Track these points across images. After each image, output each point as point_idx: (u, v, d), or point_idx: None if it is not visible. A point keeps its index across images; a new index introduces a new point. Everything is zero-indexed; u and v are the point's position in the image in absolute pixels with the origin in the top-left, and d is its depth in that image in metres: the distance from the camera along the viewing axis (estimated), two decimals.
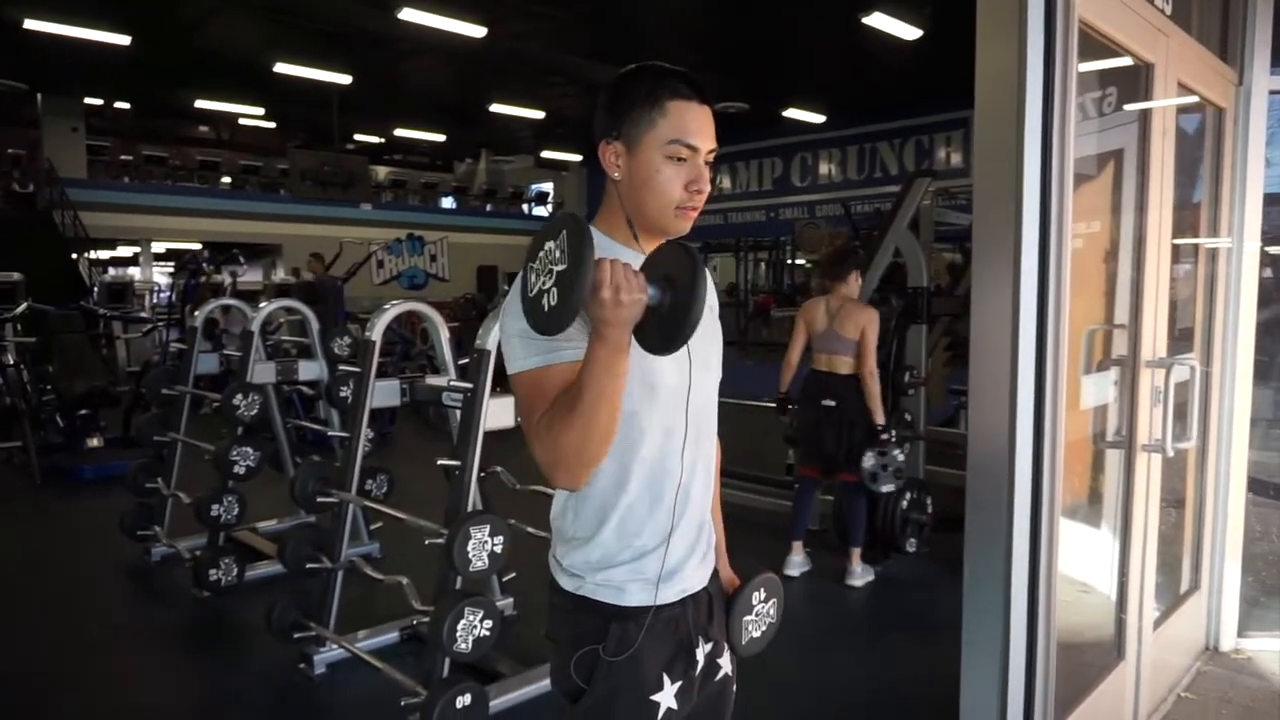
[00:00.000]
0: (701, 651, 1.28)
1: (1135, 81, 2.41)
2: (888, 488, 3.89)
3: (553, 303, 1.02)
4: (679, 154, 1.16)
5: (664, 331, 1.05)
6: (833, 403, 3.89)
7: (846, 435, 3.89)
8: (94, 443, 6.36)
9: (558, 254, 1.01)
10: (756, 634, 1.38)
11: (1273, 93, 2.92)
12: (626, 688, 1.19)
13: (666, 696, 1.22)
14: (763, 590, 1.38)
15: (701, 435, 1.27)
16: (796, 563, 4.05)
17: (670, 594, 1.23)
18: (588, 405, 1.05)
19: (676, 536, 1.22)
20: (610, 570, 1.21)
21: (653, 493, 1.21)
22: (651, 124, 1.15)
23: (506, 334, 1.16)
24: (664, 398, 1.18)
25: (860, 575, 3.96)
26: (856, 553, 3.97)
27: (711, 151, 1.20)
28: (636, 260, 1.17)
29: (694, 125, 1.17)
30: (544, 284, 1.03)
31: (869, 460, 3.84)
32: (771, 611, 1.40)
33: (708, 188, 1.19)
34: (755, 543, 4.24)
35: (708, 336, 1.27)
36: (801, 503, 4.12)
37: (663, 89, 1.16)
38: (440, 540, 2.45)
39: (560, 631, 1.25)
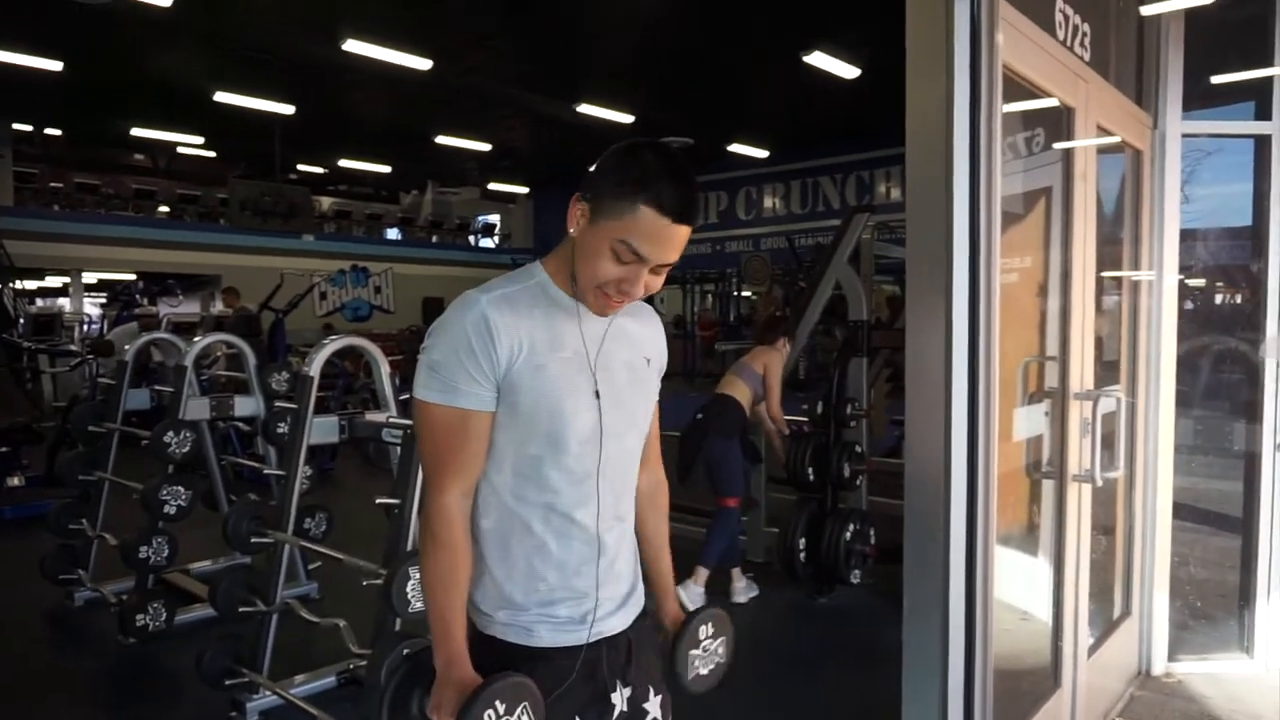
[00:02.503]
0: (620, 696, 1.27)
1: (1059, 123, 2.51)
2: None
3: None
4: (624, 255, 1.14)
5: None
6: (703, 415, 4.03)
7: (703, 449, 3.99)
8: (14, 481, 6.09)
9: None
10: (704, 670, 1.36)
11: (1185, 136, 3.07)
12: None
13: None
14: (710, 625, 1.37)
15: (618, 490, 1.27)
16: (740, 589, 4.07)
17: (582, 636, 1.23)
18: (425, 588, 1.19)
19: (586, 583, 1.22)
20: (519, 611, 1.21)
21: (560, 539, 1.21)
22: (618, 215, 1.13)
23: (422, 355, 1.18)
24: (575, 450, 1.19)
25: (743, 592, 4.08)
26: (701, 573, 3.89)
27: (666, 267, 1.17)
28: (569, 314, 1.20)
29: (654, 238, 1.13)
30: None
31: None
32: (720, 649, 1.38)
33: (637, 295, 1.17)
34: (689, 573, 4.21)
35: (637, 395, 1.28)
36: (724, 532, 4.08)
37: (646, 191, 1.11)
38: (379, 581, 2.39)
39: None
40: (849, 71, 10.85)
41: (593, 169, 1.18)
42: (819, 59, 10.38)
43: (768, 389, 4.10)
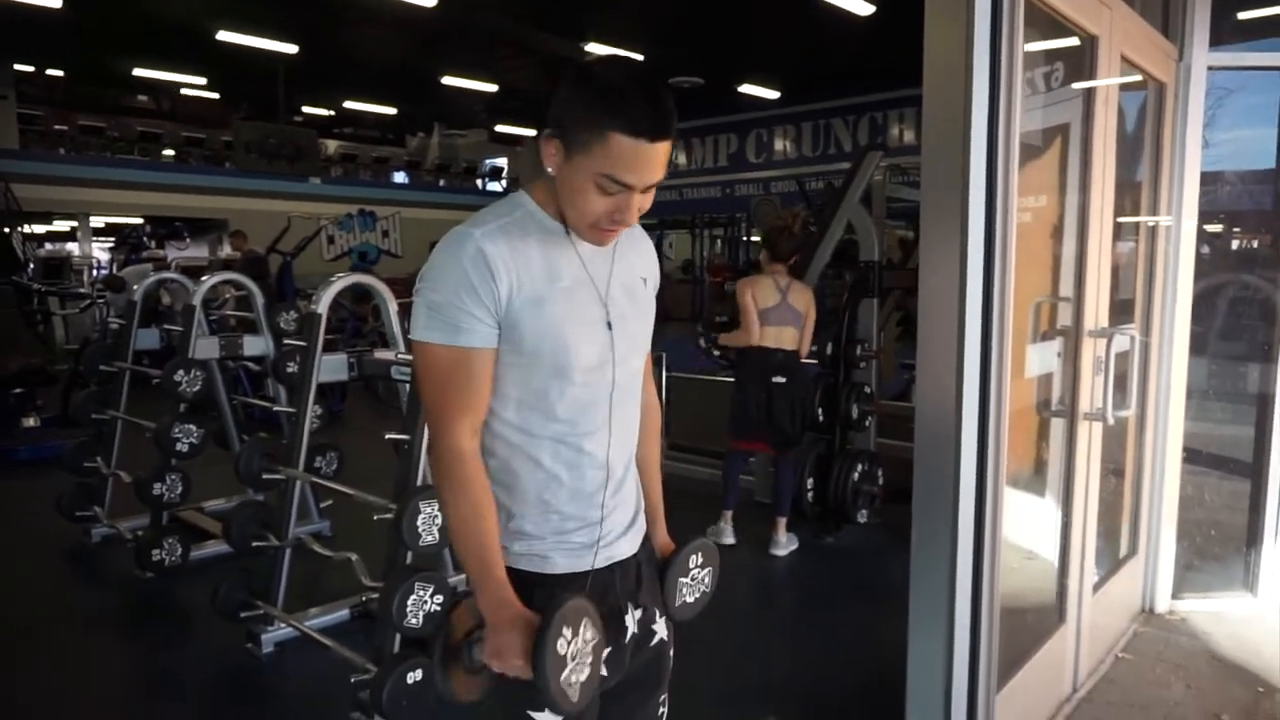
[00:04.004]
0: (632, 618, 1.28)
1: (1081, 57, 2.44)
2: None
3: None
4: (609, 188, 1.09)
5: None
6: (783, 379, 3.90)
7: (800, 410, 3.93)
8: (29, 422, 6.15)
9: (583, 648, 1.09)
10: (690, 599, 1.38)
11: (1211, 68, 2.98)
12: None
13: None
14: (699, 555, 1.38)
15: (626, 415, 1.26)
16: (727, 531, 4.08)
17: (597, 561, 1.23)
18: (453, 536, 1.16)
19: (597, 511, 1.22)
20: (533, 540, 1.21)
21: (571, 469, 1.20)
22: (587, 148, 1.07)
23: (418, 297, 1.14)
24: (579, 379, 1.17)
25: (785, 545, 4.01)
26: (782, 522, 4.01)
27: (652, 186, 1.12)
28: (565, 244, 1.17)
29: (633, 163, 1.07)
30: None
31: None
32: (706, 579, 1.40)
33: (634, 219, 1.13)
34: (697, 516, 4.23)
35: (639, 317, 1.26)
36: (732, 474, 4.14)
37: (609, 117, 1.04)
38: (390, 515, 2.42)
39: None
40: (863, 9, 10.57)
41: (556, 98, 1.10)
42: None
43: (807, 330, 3.95)
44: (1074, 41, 2.40)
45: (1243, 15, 3.35)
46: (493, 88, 15.72)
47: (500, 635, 1.10)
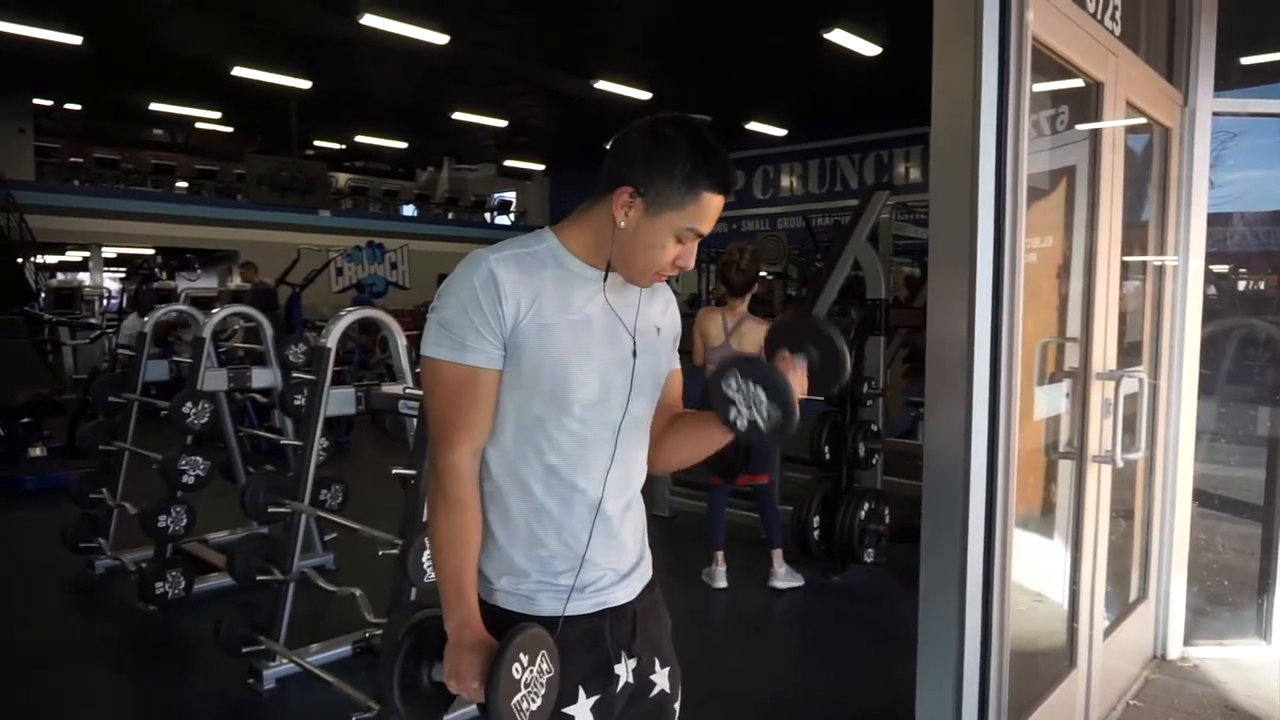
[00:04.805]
0: (624, 668, 1.26)
1: (1086, 101, 2.47)
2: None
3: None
4: (687, 239, 1.19)
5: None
6: None
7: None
8: (36, 452, 6.16)
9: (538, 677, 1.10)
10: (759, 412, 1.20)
11: (1216, 114, 3.01)
12: None
13: (582, 710, 1.20)
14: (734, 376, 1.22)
15: (625, 459, 1.26)
16: (718, 574, 4.01)
17: (585, 606, 1.22)
18: (434, 550, 1.19)
19: (588, 551, 1.21)
20: (519, 579, 1.20)
21: (561, 503, 1.20)
22: (680, 206, 1.16)
23: (431, 314, 1.18)
24: (579, 413, 1.18)
25: (784, 578, 3.96)
26: (778, 554, 3.97)
27: None
28: (593, 284, 1.20)
29: (712, 216, 1.19)
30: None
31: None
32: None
33: (691, 265, 1.23)
34: (690, 550, 4.20)
35: (651, 362, 1.27)
36: (716, 511, 4.08)
37: (702, 177, 1.15)
38: (394, 550, 2.41)
39: None
40: (870, 49, 10.71)
41: (633, 158, 1.16)
42: (839, 36, 10.25)
43: None
44: (1079, 84, 2.43)
45: (1246, 60, 3.38)
46: (502, 123, 15.91)
47: (460, 656, 1.12)
